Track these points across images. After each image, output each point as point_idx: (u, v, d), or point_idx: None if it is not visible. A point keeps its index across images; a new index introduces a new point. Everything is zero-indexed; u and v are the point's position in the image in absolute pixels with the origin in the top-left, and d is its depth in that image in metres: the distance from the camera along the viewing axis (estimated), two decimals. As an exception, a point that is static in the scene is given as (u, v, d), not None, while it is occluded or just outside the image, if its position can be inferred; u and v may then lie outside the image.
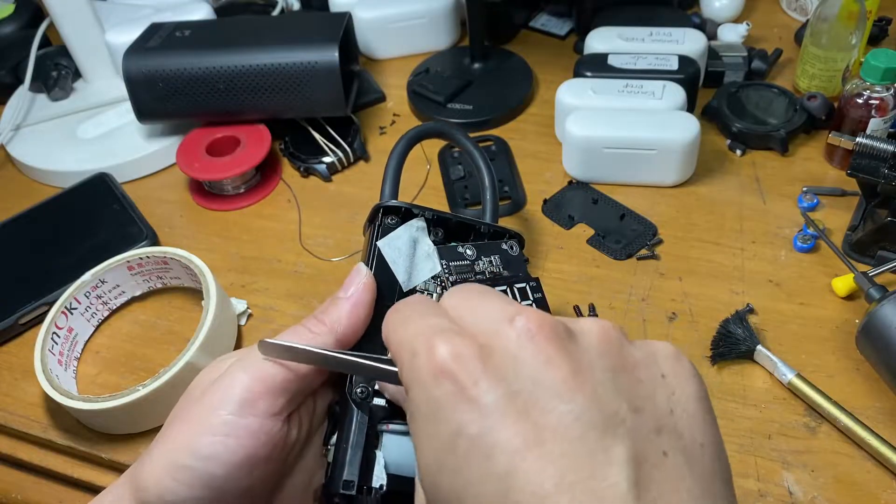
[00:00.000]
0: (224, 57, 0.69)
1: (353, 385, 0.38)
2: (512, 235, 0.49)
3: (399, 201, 0.47)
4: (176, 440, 0.35)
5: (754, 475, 0.47)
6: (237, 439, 0.34)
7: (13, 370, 0.58)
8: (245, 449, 0.34)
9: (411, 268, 0.44)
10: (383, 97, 0.81)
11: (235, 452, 0.34)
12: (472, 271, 0.45)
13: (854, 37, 0.69)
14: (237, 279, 0.63)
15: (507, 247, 0.47)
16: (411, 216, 0.46)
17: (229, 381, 0.36)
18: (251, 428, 0.35)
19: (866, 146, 0.57)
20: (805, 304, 0.56)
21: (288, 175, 0.73)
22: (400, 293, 0.42)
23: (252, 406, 0.35)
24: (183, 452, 0.34)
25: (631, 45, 0.73)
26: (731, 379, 0.52)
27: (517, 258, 0.47)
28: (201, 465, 0.34)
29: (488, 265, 0.46)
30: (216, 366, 0.38)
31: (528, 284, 0.45)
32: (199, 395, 0.36)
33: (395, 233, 0.45)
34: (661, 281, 0.59)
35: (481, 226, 0.48)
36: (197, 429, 0.35)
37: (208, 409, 0.35)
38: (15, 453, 0.55)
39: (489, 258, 0.46)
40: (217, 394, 0.35)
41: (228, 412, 0.34)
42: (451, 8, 0.84)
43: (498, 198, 0.54)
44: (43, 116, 0.80)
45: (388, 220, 0.46)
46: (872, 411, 0.49)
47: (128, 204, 0.68)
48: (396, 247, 0.44)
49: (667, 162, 0.64)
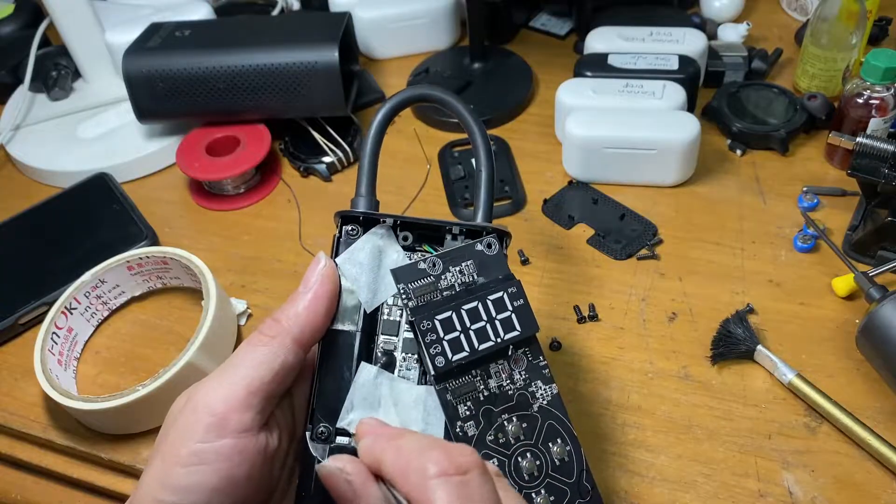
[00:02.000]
0: (224, 57, 0.69)
1: (315, 425, 0.37)
2: (489, 232, 0.41)
3: (358, 210, 0.42)
4: (153, 476, 0.34)
5: (754, 475, 0.47)
6: (210, 465, 0.33)
7: (13, 370, 0.58)
8: (220, 472, 0.34)
9: (375, 283, 0.40)
10: (383, 97, 0.81)
11: (211, 479, 0.33)
12: (436, 290, 0.39)
13: (854, 37, 0.69)
14: (237, 279, 0.63)
15: (483, 247, 0.41)
16: (373, 223, 0.41)
17: (192, 409, 0.35)
18: (223, 451, 0.34)
19: (866, 146, 0.57)
20: (805, 304, 0.56)
21: (288, 175, 0.73)
22: (364, 316, 0.39)
23: (220, 429, 0.34)
24: (160, 488, 0.33)
25: (631, 45, 0.73)
26: (731, 379, 0.52)
27: (496, 258, 0.41)
28: (179, 499, 0.33)
29: (458, 276, 0.40)
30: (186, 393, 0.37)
31: (505, 293, 0.40)
32: (169, 426, 0.35)
33: (355, 245, 0.40)
34: (661, 281, 0.59)
35: (452, 226, 0.42)
36: (170, 461, 0.34)
37: (178, 440, 0.34)
38: (15, 453, 0.55)
39: (459, 267, 0.40)
40: (183, 424, 0.34)
41: (196, 441, 0.34)
42: (451, 8, 0.84)
43: (493, 187, 0.46)
44: (43, 116, 0.80)
45: (349, 230, 0.41)
46: (872, 411, 0.49)
47: (128, 204, 0.68)
48: (358, 261, 0.40)
49: (667, 162, 0.64)
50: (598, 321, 0.57)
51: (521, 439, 0.38)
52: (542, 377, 0.40)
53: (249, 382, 0.35)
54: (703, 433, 0.49)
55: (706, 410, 0.50)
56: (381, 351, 0.39)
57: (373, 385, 0.38)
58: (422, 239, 0.42)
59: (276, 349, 0.36)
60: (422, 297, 0.39)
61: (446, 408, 0.37)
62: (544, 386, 0.40)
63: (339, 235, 0.41)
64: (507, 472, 0.37)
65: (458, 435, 0.37)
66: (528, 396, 0.39)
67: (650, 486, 0.47)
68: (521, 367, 0.40)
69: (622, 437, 0.49)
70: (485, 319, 0.39)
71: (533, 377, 0.40)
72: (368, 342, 0.39)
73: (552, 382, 0.40)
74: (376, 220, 0.41)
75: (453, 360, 0.38)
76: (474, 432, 0.37)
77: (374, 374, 0.38)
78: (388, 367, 0.39)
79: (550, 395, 0.40)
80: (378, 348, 0.39)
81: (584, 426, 0.50)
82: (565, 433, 0.39)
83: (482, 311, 0.39)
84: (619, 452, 0.49)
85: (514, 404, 0.39)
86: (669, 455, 0.48)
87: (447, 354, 0.38)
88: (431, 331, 0.38)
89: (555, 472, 0.38)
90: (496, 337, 0.39)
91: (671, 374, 0.53)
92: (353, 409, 0.38)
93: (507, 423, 0.38)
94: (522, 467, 0.37)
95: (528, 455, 0.38)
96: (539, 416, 0.39)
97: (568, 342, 0.55)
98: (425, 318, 0.38)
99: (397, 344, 0.40)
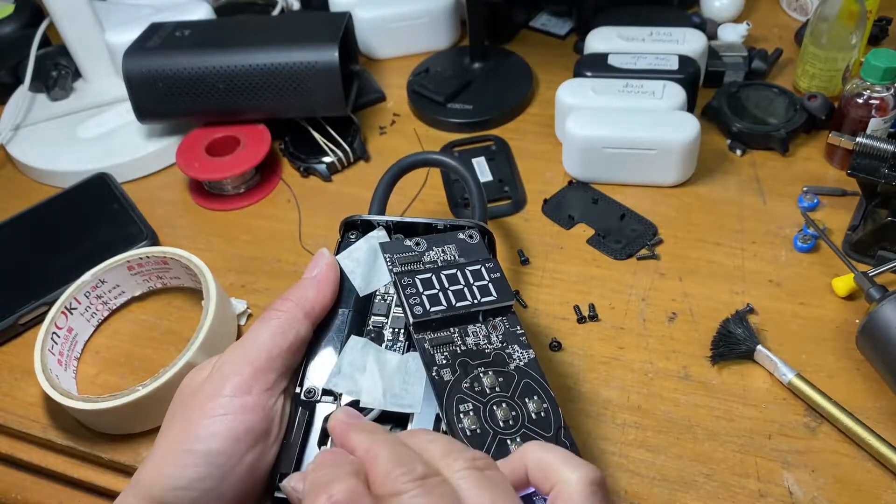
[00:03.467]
0: (224, 57, 0.69)
1: (302, 387, 0.41)
2: (470, 227, 0.48)
3: (358, 215, 0.49)
4: (174, 434, 0.37)
5: (754, 475, 0.47)
6: (235, 415, 0.36)
7: (13, 370, 0.58)
8: (244, 423, 0.36)
9: (369, 276, 0.45)
10: (383, 97, 0.81)
11: (235, 427, 0.36)
12: (419, 261, 0.45)
13: (854, 37, 0.69)
14: (237, 279, 0.63)
15: (465, 236, 0.47)
16: (371, 228, 0.48)
17: (218, 374, 0.38)
18: (247, 404, 0.37)
19: (866, 146, 0.57)
20: (805, 304, 0.56)
21: (288, 175, 0.73)
22: (358, 298, 0.44)
23: (246, 386, 0.37)
24: (183, 440, 0.36)
25: (631, 45, 0.73)
26: (731, 379, 0.52)
27: (476, 246, 0.47)
28: (203, 446, 0.35)
29: (440, 254, 0.45)
30: (203, 367, 0.40)
31: (483, 266, 0.44)
32: (191, 393, 0.38)
33: (354, 245, 0.47)
34: (661, 281, 0.59)
35: (441, 224, 0.48)
36: (195, 417, 0.36)
37: (204, 399, 0.37)
38: (15, 453, 0.55)
39: (441, 248, 0.46)
40: (210, 386, 0.37)
41: (224, 395, 0.36)
42: (451, 8, 0.84)
43: (485, 203, 0.55)
44: (43, 116, 0.80)
45: (350, 236, 0.48)
46: (872, 411, 0.49)
47: (128, 204, 0.68)
48: (355, 258, 0.46)
49: (667, 162, 0.64)
50: (598, 321, 0.57)
51: (497, 391, 0.40)
52: (520, 343, 0.42)
53: (269, 349, 0.38)
54: (703, 433, 0.49)
55: (706, 410, 0.50)
56: (371, 328, 0.43)
57: (360, 353, 0.42)
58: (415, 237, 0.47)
59: (290, 320, 0.40)
60: (406, 264, 0.44)
61: (424, 354, 0.40)
62: (521, 350, 0.42)
63: (341, 240, 0.48)
64: (481, 417, 0.38)
65: (435, 379, 0.39)
66: (504, 357, 0.41)
67: (650, 486, 0.47)
68: (499, 332, 0.42)
69: (622, 437, 0.49)
70: (462, 284, 0.43)
71: (510, 342, 0.42)
72: (361, 324, 0.43)
73: (529, 348, 0.42)
74: (374, 224, 0.48)
75: (431, 310, 0.41)
76: (450, 378, 0.39)
77: (361, 344, 0.42)
78: (377, 341, 0.43)
79: (527, 358, 0.42)
80: (368, 327, 0.43)
81: (584, 426, 0.50)
82: (542, 392, 0.40)
83: (460, 277, 0.43)
84: (619, 452, 0.49)
85: (490, 360, 0.41)
86: (669, 455, 0.48)
87: (425, 305, 0.41)
88: (412, 286, 0.42)
89: (531, 425, 0.39)
90: (473, 299, 0.42)
91: (671, 374, 0.53)
92: (339, 373, 0.41)
93: (482, 375, 0.40)
94: (497, 415, 0.39)
95: (503, 405, 0.39)
96: (515, 374, 0.41)
97: (568, 342, 0.55)
98: (407, 275, 0.42)
99: (386, 323, 0.43)
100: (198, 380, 0.39)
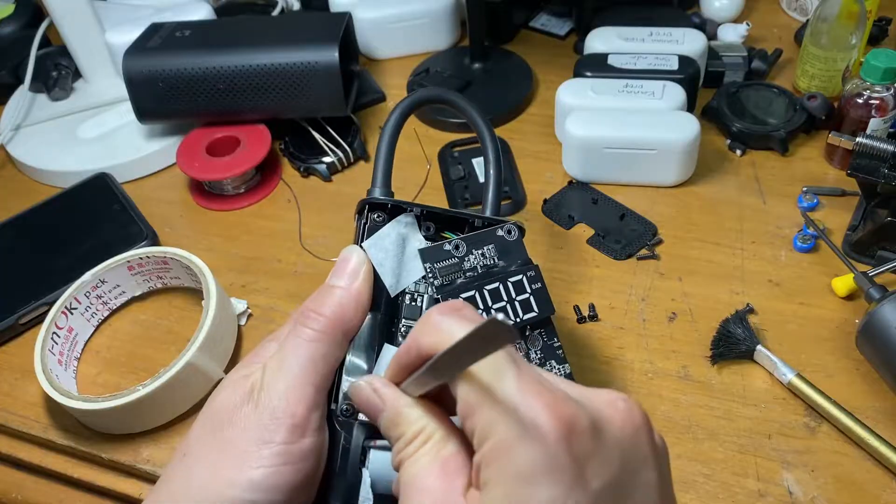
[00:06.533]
0: (224, 57, 0.69)
1: (337, 403, 0.37)
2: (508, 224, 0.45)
3: (385, 197, 0.44)
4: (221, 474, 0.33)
5: (754, 475, 0.47)
6: (295, 465, 0.33)
7: (13, 370, 0.58)
8: (303, 471, 0.34)
9: (399, 269, 0.42)
10: (383, 97, 0.81)
11: (296, 477, 0.33)
12: (460, 271, 0.42)
13: (854, 37, 0.69)
14: (237, 279, 0.63)
15: (504, 232, 0.44)
16: (399, 212, 0.43)
17: (268, 411, 0.33)
18: (304, 450, 0.34)
19: (866, 146, 0.57)
20: (805, 304, 0.56)
21: (288, 175, 0.73)
22: (387, 300, 0.41)
23: (302, 429, 0.34)
24: (236, 486, 0.32)
25: (631, 45, 0.73)
26: (731, 379, 0.52)
27: (515, 243, 0.44)
28: (262, 497, 0.32)
29: (480, 259, 0.42)
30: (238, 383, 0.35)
31: (524, 275, 0.42)
32: (228, 419, 0.34)
33: (381, 231, 0.42)
34: (661, 281, 0.59)
35: (475, 219, 0.45)
36: (251, 462, 0.33)
37: (253, 441, 0.33)
38: (15, 453, 0.55)
39: (481, 250, 0.43)
40: (256, 424, 0.33)
41: (280, 442, 0.33)
42: (451, 8, 0.84)
43: (501, 182, 0.49)
44: (43, 116, 0.80)
45: (375, 217, 0.43)
46: (872, 411, 0.49)
47: (128, 204, 0.68)
48: (384, 247, 0.42)
49: (667, 162, 0.64)
50: (598, 321, 0.57)
51: None
52: (556, 357, 0.42)
53: (315, 380, 0.35)
54: (703, 433, 0.49)
55: (706, 410, 0.50)
56: (402, 333, 0.41)
57: None
58: (443, 228, 0.45)
59: (331, 346, 0.36)
60: (447, 276, 0.41)
61: None
62: (558, 365, 0.42)
63: (366, 222, 0.42)
64: None
65: None
66: None
67: (650, 486, 0.47)
68: (537, 346, 0.42)
69: (622, 437, 0.49)
70: (505, 300, 0.42)
71: (548, 356, 0.42)
72: (390, 325, 0.41)
73: (566, 362, 0.42)
74: (402, 208, 0.43)
75: None
76: None
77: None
78: None
79: (563, 374, 0.42)
80: (400, 331, 0.41)
81: (583, 426, 0.50)
82: None
83: (503, 292, 0.42)
84: (618, 452, 0.49)
85: None
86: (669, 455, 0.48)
87: None
88: None
89: None
90: (515, 317, 0.42)
91: (671, 374, 0.53)
92: None
93: None
94: None
95: None
96: None
97: (568, 342, 0.55)
98: (450, 295, 0.40)
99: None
100: (233, 400, 0.34)
